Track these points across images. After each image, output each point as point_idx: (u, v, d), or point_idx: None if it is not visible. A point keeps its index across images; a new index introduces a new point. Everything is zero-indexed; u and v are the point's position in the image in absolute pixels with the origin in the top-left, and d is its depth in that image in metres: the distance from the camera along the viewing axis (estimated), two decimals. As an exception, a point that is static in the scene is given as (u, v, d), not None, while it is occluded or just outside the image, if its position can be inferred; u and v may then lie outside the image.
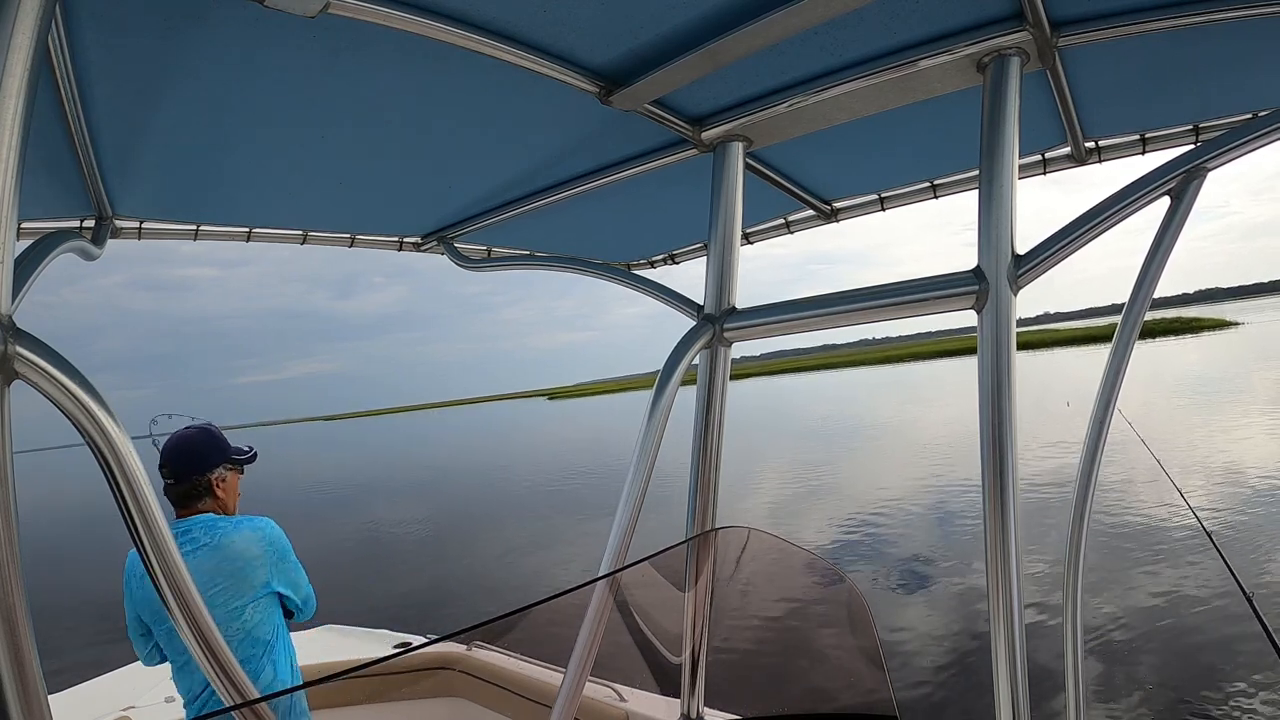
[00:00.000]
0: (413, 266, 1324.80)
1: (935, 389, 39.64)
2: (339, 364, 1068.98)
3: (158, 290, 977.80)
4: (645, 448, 1.43)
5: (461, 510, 17.11)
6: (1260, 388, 21.52)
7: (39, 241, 1.23)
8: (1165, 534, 8.34)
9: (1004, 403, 1.17)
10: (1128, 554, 7.81)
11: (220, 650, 1.13)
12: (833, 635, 1.69)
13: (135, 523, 1.01)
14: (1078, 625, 1.44)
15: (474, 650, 2.97)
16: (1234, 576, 1.97)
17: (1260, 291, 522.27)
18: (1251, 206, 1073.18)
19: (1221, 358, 34.99)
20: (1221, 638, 5.54)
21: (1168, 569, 7.22)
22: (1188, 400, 19.68)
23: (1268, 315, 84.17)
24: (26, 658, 0.77)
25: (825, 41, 1.35)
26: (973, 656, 5.84)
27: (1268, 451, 12.21)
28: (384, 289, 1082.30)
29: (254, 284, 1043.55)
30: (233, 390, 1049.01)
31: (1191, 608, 6.23)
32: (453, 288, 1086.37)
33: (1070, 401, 18.74)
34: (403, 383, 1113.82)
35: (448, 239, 2.36)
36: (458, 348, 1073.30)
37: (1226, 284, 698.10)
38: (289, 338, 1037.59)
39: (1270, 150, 1.32)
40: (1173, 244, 1.37)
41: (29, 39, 0.80)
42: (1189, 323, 73.91)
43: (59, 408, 0.91)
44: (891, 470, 15.06)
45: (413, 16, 1.10)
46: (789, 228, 2.50)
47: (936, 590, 7.64)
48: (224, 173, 1.73)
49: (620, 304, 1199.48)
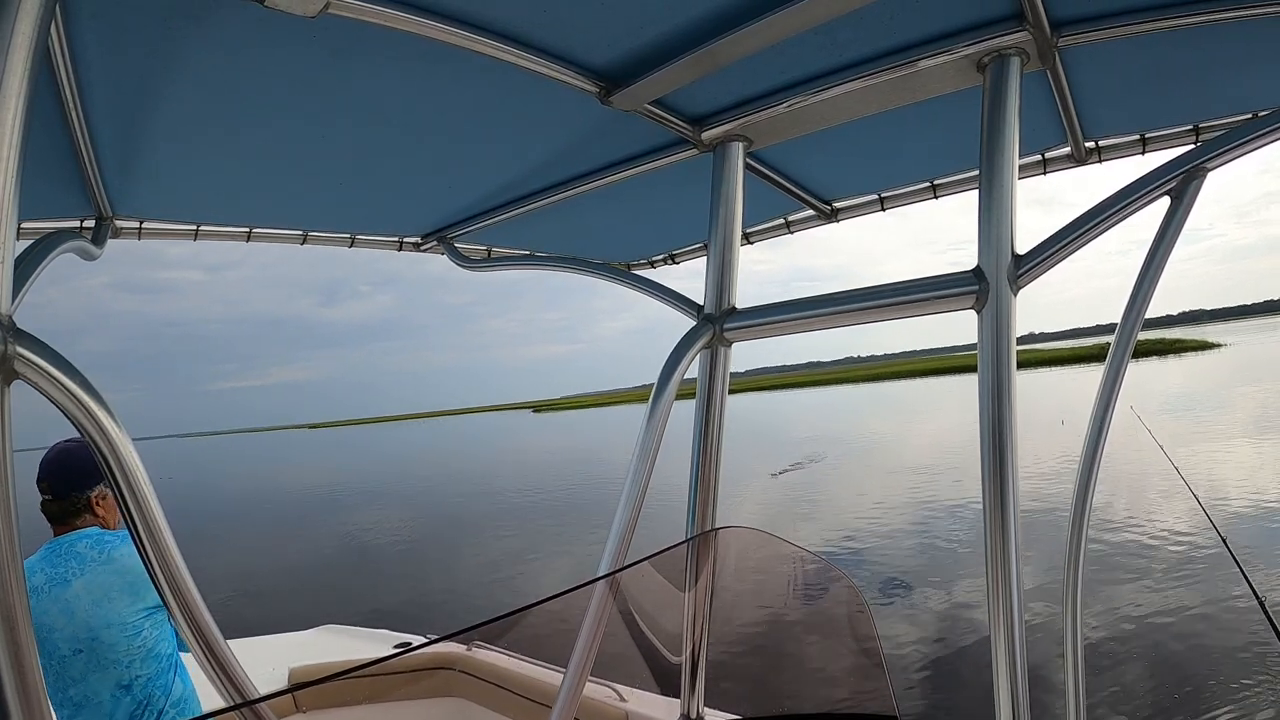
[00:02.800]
0: (399, 274, 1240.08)
1: (918, 406, 39.71)
2: (323, 371, 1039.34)
3: (142, 293, 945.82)
4: (645, 449, 1.43)
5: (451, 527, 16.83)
6: (1239, 405, 21.87)
7: (39, 241, 1.23)
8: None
9: (1004, 402, 1.17)
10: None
11: (220, 650, 1.13)
12: (832, 635, 1.69)
13: (136, 522, 1.01)
14: (1078, 628, 1.44)
15: (474, 650, 2.97)
16: (1250, 585, 1.98)
17: (1243, 314, 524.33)
18: (1235, 229, 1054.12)
19: (1203, 378, 35.55)
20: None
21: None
22: (1171, 419, 19.70)
23: (1250, 337, 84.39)
24: (26, 658, 0.77)
25: (825, 41, 1.35)
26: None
27: (1245, 469, 12.24)
28: (369, 297, 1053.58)
29: (238, 288, 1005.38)
30: (215, 395, 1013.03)
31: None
32: (439, 297, 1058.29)
33: (1064, 420, 18.83)
34: (387, 392, 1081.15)
35: (448, 239, 2.36)
36: (443, 358, 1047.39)
37: (1210, 306, 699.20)
38: (273, 343, 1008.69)
39: (1252, 174, 1.33)
40: (1173, 244, 1.37)
41: (29, 39, 0.80)
42: (1172, 344, 73.78)
43: (59, 408, 0.91)
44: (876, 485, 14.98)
45: (413, 16, 1.10)
46: (789, 228, 2.50)
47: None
48: (224, 173, 1.73)
49: (607, 317, 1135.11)
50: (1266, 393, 23.79)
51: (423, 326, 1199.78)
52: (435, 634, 2.94)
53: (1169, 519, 9.44)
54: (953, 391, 48.98)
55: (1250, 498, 10.12)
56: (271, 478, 37.36)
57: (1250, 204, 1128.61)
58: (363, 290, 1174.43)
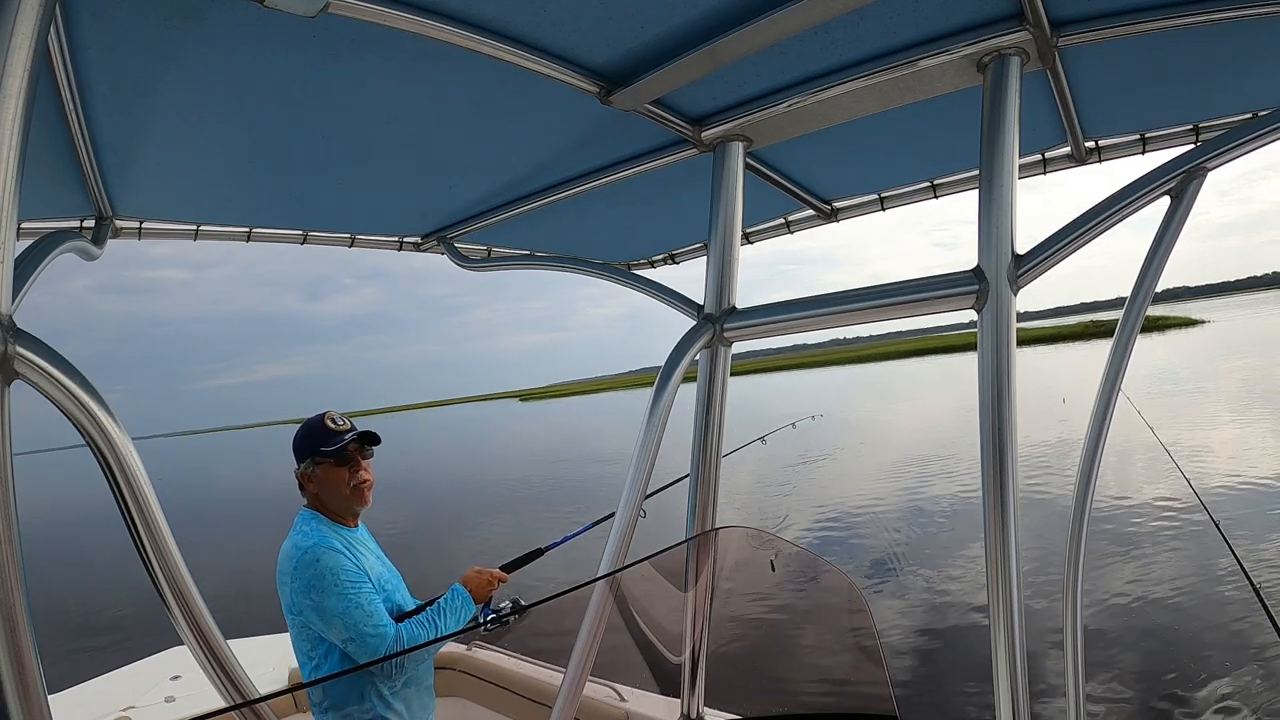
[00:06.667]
0: (384, 269, 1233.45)
1: (900, 389, 39.73)
2: (309, 366, 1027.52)
3: (126, 293, 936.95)
4: (645, 448, 1.43)
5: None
6: (1223, 379, 22.12)
7: (39, 241, 1.23)
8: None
9: (1004, 401, 1.17)
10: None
11: (220, 650, 1.13)
12: (832, 635, 1.69)
13: (135, 522, 1.01)
14: (1078, 625, 1.44)
15: (474, 650, 2.98)
16: (1238, 561, 2.00)
17: (1225, 290, 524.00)
18: (1218, 207, 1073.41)
19: (1187, 353, 35.93)
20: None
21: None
22: (1158, 392, 19.72)
23: (1232, 314, 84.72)
24: (26, 658, 0.77)
25: (825, 41, 1.35)
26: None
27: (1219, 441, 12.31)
28: (354, 291, 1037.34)
29: (223, 286, 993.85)
30: (202, 394, 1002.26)
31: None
32: (423, 289, 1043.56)
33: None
34: (373, 385, 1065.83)
35: (448, 239, 2.36)
36: (428, 349, 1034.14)
37: (1194, 283, 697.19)
38: (259, 340, 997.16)
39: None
40: (1173, 243, 1.38)
41: (29, 39, 0.80)
42: (1156, 321, 74.16)
43: (59, 408, 0.91)
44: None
45: (413, 16, 1.10)
46: (789, 227, 2.50)
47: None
48: (224, 173, 1.73)
49: (590, 305, 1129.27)
50: (1248, 368, 23.93)
51: (408, 319, 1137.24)
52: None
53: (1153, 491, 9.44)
54: (932, 373, 49.19)
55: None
56: (261, 476, 37.24)
57: (1232, 182, 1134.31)
58: (347, 284, 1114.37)
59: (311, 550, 1.79)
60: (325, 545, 1.80)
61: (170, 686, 2.93)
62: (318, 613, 1.76)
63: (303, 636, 1.81)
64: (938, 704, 4.84)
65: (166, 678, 3.02)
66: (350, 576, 1.78)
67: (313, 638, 1.80)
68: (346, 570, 1.79)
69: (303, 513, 1.93)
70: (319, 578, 1.76)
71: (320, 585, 1.75)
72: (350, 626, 1.75)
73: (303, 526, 1.88)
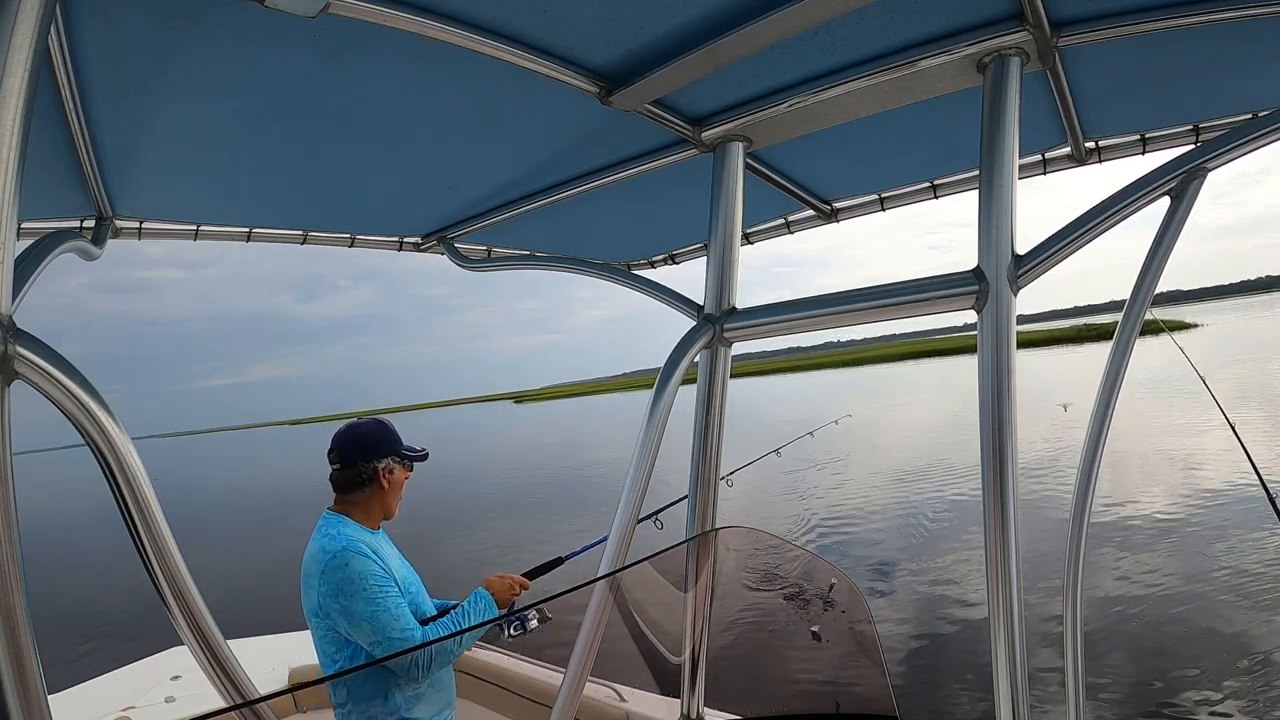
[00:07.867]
0: (378, 269, 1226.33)
1: (896, 392, 39.69)
2: (303, 367, 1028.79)
3: (120, 292, 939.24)
4: (645, 448, 1.43)
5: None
6: (1215, 386, 21.86)
7: (39, 241, 1.23)
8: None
9: (1004, 401, 1.17)
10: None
11: (220, 650, 1.13)
12: (832, 635, 1.69)
13: (135, 522, 1.01)
14: (1078, 625, 1.44)
15: (474, 650, 2.97)
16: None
17: (1219, 294, 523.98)
18: (1212, 210, 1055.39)
19: (1179, 358, 36.00)
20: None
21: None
22: (1149, 395, 19.63)
23: (1224, 317, 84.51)
24: (26, 658, 0.77)
25: (825, 41, 1.35)
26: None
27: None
28: (348, 291, 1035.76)
29: (217, 285, 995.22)
30: (195, 394, 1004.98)
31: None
32: (417, 290, 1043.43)
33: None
34: (368, 386, 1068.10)
35: (448, 239, 2.36)
36: (423, 350, 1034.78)
37: (1187, 287, 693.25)
38: (252, 340, 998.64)
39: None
40: (1173, 244, 1.37)
41: (29, 39, 0.80)
42: (1150, 324, 74.33)
43: (59, 408, 0.91)
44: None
45: (413, 16, 1.10)
46: (789, 228, 2.50)
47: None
48: (224, 173, 1.73)
49: (585, 307, 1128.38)
50: (1243, 374, 23.76)
51: (402, 320, 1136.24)
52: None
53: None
54: (926, 376, 49.12)
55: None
56: (255, 478, 37.09)
57: (1227, 185, 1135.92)
58: (342, 285, 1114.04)
59: (340, 554, 1.77)
60: (353, 550, 1.79)
61: (170, 686, 2.93)
62: (345, 616, 1.75)
63: (327, 639, 1.81)
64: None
65: (166, 678, 3.02)
66: (378, 580, 1.78)
67: (338, 640, 1.79)
68: (375, 574, 1.78)
69: (328, 515, 1.91)
70: (347, 581, 1.75)
71: (349, 589, 1.74)
72: (378, 630, 1.74)
73: (329, 530, 1.86)
